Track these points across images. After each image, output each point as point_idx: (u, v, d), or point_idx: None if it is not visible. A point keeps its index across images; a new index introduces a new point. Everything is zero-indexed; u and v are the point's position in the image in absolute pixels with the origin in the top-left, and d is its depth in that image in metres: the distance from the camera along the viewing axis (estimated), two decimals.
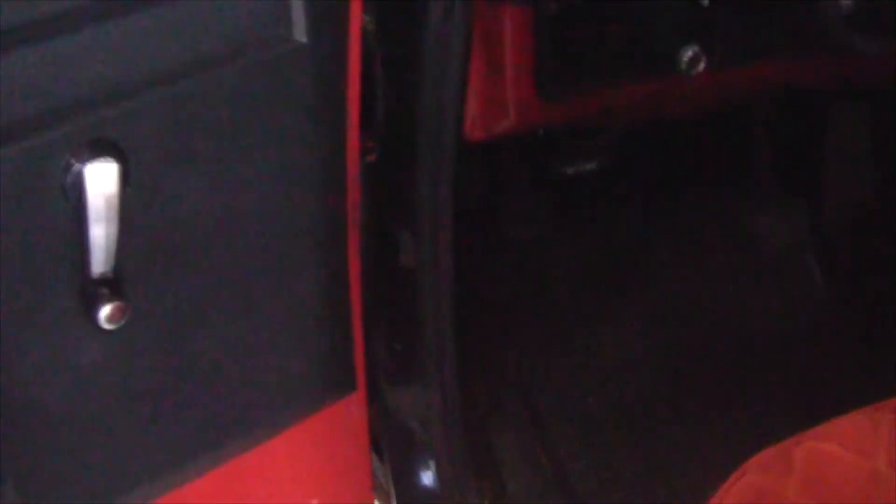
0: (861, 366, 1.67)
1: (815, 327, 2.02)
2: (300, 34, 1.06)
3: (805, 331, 2.00)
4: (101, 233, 0.97)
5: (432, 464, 1.58)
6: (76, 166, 0.95)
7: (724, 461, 1.21)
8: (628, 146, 1.94)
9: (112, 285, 1.00)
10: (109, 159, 0.95)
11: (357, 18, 1.14)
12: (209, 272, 1.09)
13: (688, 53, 1.43)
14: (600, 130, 1.87)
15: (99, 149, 0.95)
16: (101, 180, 0.95)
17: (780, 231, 2.09)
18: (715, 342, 1.96)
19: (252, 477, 1.33)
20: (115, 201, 0.97)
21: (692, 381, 1.91)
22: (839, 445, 1.15)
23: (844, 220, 2.10)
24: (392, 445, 1.59)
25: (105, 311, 1.00)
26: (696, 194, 2.06)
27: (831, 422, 1.18)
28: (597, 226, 2.01)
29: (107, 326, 1.01)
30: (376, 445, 1.58)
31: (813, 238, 2.09)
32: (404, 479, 1.60)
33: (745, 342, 1.97)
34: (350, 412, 1.41)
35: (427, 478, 1.59)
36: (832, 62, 1.61)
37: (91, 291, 1.00)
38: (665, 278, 2.03)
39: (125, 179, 0.97)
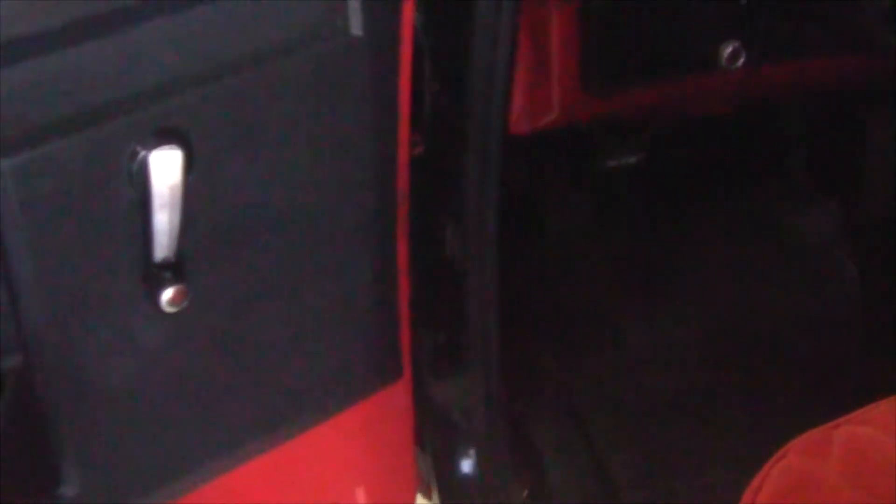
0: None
1: (849, 325, 2.02)
2: (356, 28, 1.09)
3: (839, 328, 2.01)
4: (164, 218, 1.00)
5: (474, 454, 1.60)
6: (142, 154, 0.97)
7: (758, 453, 1.23)
8: (667, 142, 1.96)
9: (174, 269, 1.03)
10: (174, 147, 0.98)
11: (409, 14, 1.17)
12: (265, 259, 1.12)
13: (728, 49, 1.45)
14: (642, 125, 1.89)
15: (164, 137, 0.98)
16: (165, 168, 0.98)
17: (815, 229, 2.10)
18: (748, 338, 1.97)
19: (300, 462, 1.36)
20: (179, 188, 0.99)
21: (726, 375, 1.92)
22: (879, 429, 1.16)
23: (879, 219, 2.11)
24: (434, 436, 1.61)
25: (167, 294, 1.03)
26: (732, 191, 2.07)
27: (871, 406, 1.19)
28: (635, 221, 2.03)
29: (168, 309, 1.04)
30: (418, 436, 1.60)
31: (847, 237, 2.10)
32: (446, 468, 1.62)
33: (782, 337, 1.97)
34: (396, 401, 1.44)
35: (468, 467, 1.61)
36: (871, 61, 1.62)
37: (154, 275, 1.03)
38: (700, 274, 2.04)
39: (189, 167, 1.00)
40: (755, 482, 1.18)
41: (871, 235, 2.09)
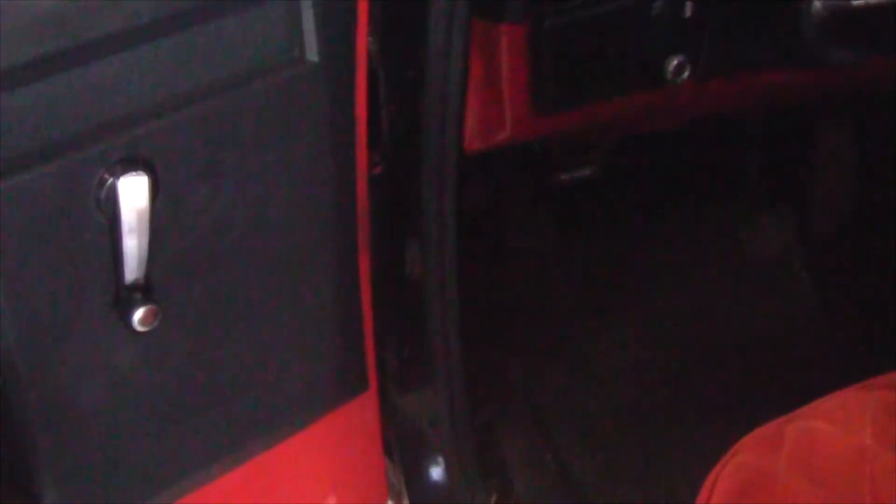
0: (851, 363, 1.72)
1: (806, 329, 2.06)
2: (312, 54, 1.13)
3: (797, 332, 2.05)
4: (133, 242, 1.04)
5: (442, 463, 1.63)
6: (110, 181, 1.01)
7: (718, 455, 1.27)
8: (622, 157, 1.99)
9: (144, 291, 1.07)
10: (140, 174, 1.02)
11: (363, 39, 1.20)
12: (232, 279, 1.16)
13: (673, 62, 1.48)
14: (595, 140, 1.92)
15: (131, 164, 1.01)
16: (132, 193, 1.02)
17: (770, 238, 2.14)
18: (710, 346, 2.01)
19: (272, 475, 1.38)
20: (146, 212, 1.03)
21: (689, 383, 1.96)
22: (828, 422, 1.19)
23: (832, 226, 2.15)
24: (403, 446, 1.63)
25: (138, 314, 1.06)
26: (688, 203, 2.10)
27: (820, 400, 1.22)
28: (593, 234, 2.06)
29: (140, 329, 1.07)
30: (387, 447, 1.63)
31: (802, 244, 2.14)
32: (415, 478, 1.64)
33: (740, 345, 2.01)
34: (363, 412, 1.47)
35: (437, 476, 1.64)
36: (815, 73, 1.64)
37: (125, 297, 1.06)
38: (660, 284, 2.08)
39: (155, 192, 1.03)
40: (710, 479, 1.21)
41: (823, 242, 2.13)
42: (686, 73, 1.49)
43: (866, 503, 1.11)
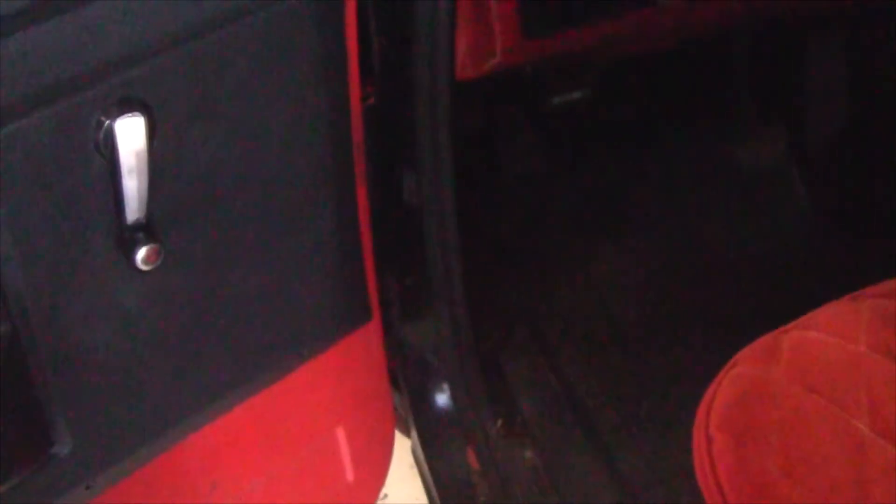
0: (846, 274, 1.74)
1: (802, 241, 2.08)
2: None
3: (793, 246, 2.07)
4: (133, 183, 1.05)
5: (447, 390, 1.66)
6: (107, 123, 1.02)
7: (718, 368, 1.29)
8: (613, 79, 2.00)
9: (146, 230, 1.08)
10: (137, 115, 1.02)
11: None
12: (233, 215, 1.17)
13: None
14: (586, 63, 1.92)
15: (127, 106, 1.02)
16: (130, 135, 1.02)
17: (763, 155, 2.15)
18: (708, 262, 2.02)
19: (281, 408, 1.41)
20: (145, 153, 1.04)
21: (688, 300, 1.97)
22: (823, 332, 1.22)
23: (824, 139, 2.16)
24: (408, 375, 1.66)
25: (141, 253, 1.08)
26: (681, 123, 2.11)
27: (815, 311, 1.25)
28: (588, 156, 2.07)
29: (143, 268, 1.08)
30: (393, 377, 1.65)
31: (795, 158, 2.15)
32: (421, 406, 1.67)
33: (737, 260, 2.02)
34: (367, 343, 1.49)
35: (443, 403, 1.67)
36: None
37: (128, 237, 1.07)
38: (656, 204, 2.09)
39: (152, 133, 1.04)
40: (709, 391, 1.24)
41: (815, 157, 2.14)
42: None
43: (863, 408, 1.13)
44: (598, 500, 1.72)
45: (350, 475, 1.57)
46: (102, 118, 1.02)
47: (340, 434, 1.54)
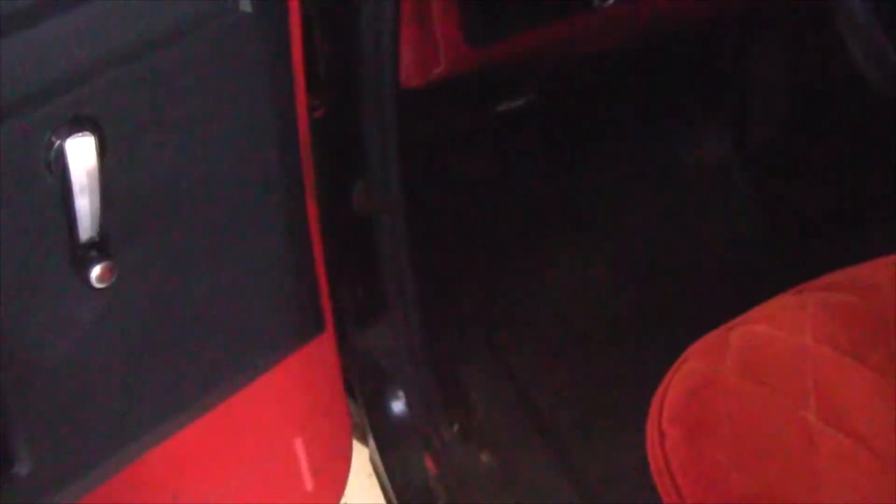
0: (791, 269, 1.77)
1: (747, 238, 2.11)
2: (245, 5, 1.15)
3: (739, 243, 2.09)
4: (85, 201, 1.05)
5: (402, 397, 1.67)
6: (57, 143, 1.02)
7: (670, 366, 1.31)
8: (557, 83, 2.01)
9: (100, 248, 1.08)
10: (87, 133, 1.03)
11: None
12: (186, 229, 1.17)
13: None
14: (531, 70, 1.94)
15: (77, 125, 1.03)
16: (80, 153, 1.03)
17: (709, 154, 2.18)
18: (657, 263, 2.04)
19: (238, 422, 1.42)
20: (96, 171, 1.04)
21: (639, 301, 2.00)
22: (770, 326, 1.24)
23: (764, 139, 2.19)
24: (363, 384, 1.67)
25: (96, 271, 1.08)
26: (626, 124, 2.14)
27: (761, 306, 1.27)
28: (535, 162, 2.09)
29: (98, 285, 1.09)
30: (348, 386, 1.66)
31: (738, 157, 2.18)
32: (377, 414, 1.68)
33: (685, 258, 2.05)
34: (322, 354, 1.50)
35: (399, 410, 1.68)
36: None
37: (81, 255, 1.08)
38: (604, 207, 2.11)
39: (103, 151, 1.05)
40: (661, 388, 1.26)
41: (759, 153, 2.17)
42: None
43: (810, 398, 1.15)
44: (555, 499, 1.74)
45: (309, 485, 1.58)
46: (53, 138, 1.03)
47: (298, 445, 1.55)
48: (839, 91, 1.96)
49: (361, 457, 1.73)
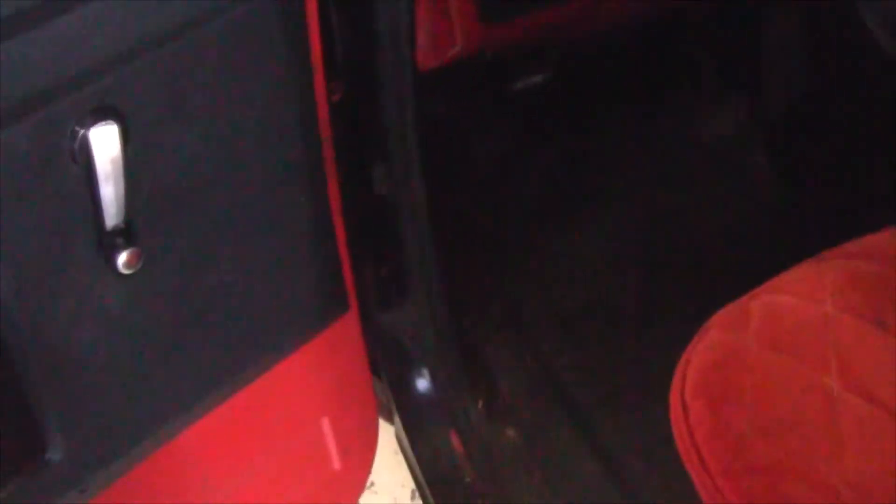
0: (809, 238, 1.77)
1: (765, 208, 2.11)
2: None
3: (757, 212, 2.10)
4: (110, 189, 1.07)
5: (427, 375, 1.68)
6: (81, 133, 1.04)
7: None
8: (574, 59, 2.02)
9: (126, 235, 1.10)
10: (110, 122, 1.05)
11: None
12: (210, 214, 1.19)
13: None
14: (545, 47, 1.94)
15: (100, 114, 1.04)
16: (104, 143, 1.04)
17: (726, 125, 2.18)
18: (675, 235, 2.05)
19: (265, 404, 1.43)
20: (120, 160, 1.06)
21: (658, 273, 2.00)
22: (791, 295, 1.25)
23: (782, 108, 2.19)
24: (388, 363, 1.68)
25: (122, 258, 1.10)
26: (643, 98, 2.14)
27: (782, 275, 1.28)
28: (553, 138, 2.10)
29: (125, 272, 1.10)
30: (374, 365, 1.67)
31: (756, 128, 2.18)
32: (402, 392, 1.69)
33: (705, 231, 2.05)
34: (347, 334, 1.51)
35: (424, 388, 1.69)
36: None
37: (108, 242, 1.09)
38: (624, 180, 2.12)
39: (126, 139, 1.06)
40: (683, 359, 1.26)
41: (776, 124, 2.17)
42: None
43: (832, 366, 1.16)
44: (581, 475, 1.75)
45: (337, 464, 1.60)
46: (77, 128, 1.04)
47: (325, 424, 1.57)
48: (854, 54, 1.96)
49: (388, 435, 1.74)
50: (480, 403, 1.75)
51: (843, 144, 2.08)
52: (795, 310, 1.23)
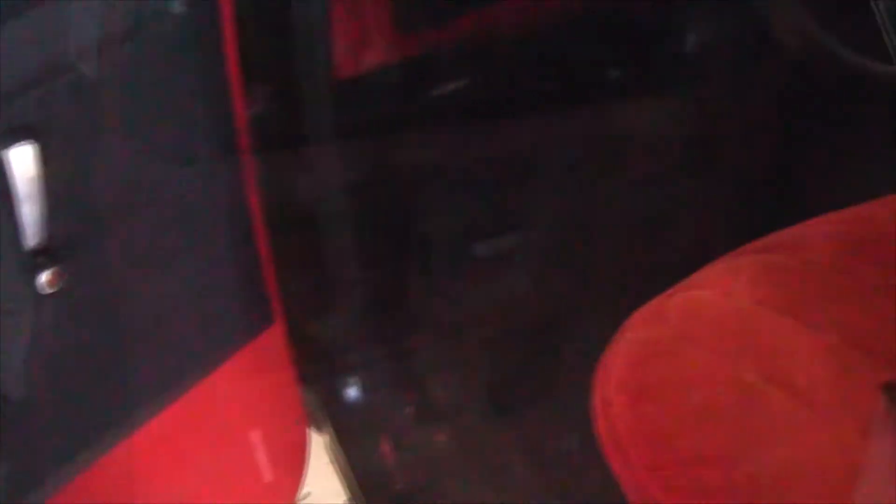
0: (729, 234, 1.79)
1: (689, 208, 2.14)
2: (176, 7, 1.16)
3: (681, 212, 2.12)
4: (29, 209, 1.07)
5: (356, 382, 1.69)
6: None
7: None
8: (494, 64, 2.03)
9: (47, 254, 1.10)
10: (28, 143, 1.05)
11: None
12: (131, 232, 1.19)
13: None
14: (465, 52, 1.95)
15: (17, 135, 1.04)
16: (22, 163, 1.05)
17: (649, 120, 2.19)
18: (603, 233, 2.07)
19: (194, 416, 1.42)
20: (38, 180, 1.06)
21: (588, 274, 2.02)
22: (708, 290, 1.26)
23: (708, 105, 2.21)
24: (317, 371, 1.69)
25: (44, 277, 1.10)
26: (565, 98, 2.15)
27: (699, 272, 1.30)
28: (474, 143, 2.11)
29: (47, 291, 1.11)
30: (303, 376, 1.67)
31: (680, 125, 2.20)
32: (332, 401, 1.70)
33: (631, 226, 2.08)
34: (272, 345, 1.51)
35: (353, 396, 1.70)
36: None
37: (29, 262, 1.09)
38: (549, 181, 2.13)
39: (45, 159, 1.06)
40: (604, 358, 1.28)
41: (699, 122, 2.19)
42: None
43: (750, 359, 1.18)
44: (511, 476, 1.77)
45: (268, 476, 1.59)
46: None
47: (255, 437, 1.56)
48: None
49: (321, 445, 1.75)
50: (410, 409, 1.76)
51: (760, 143, 2.10)
52: (712, 305, 1.25)
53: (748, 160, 2.09)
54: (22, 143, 1.05)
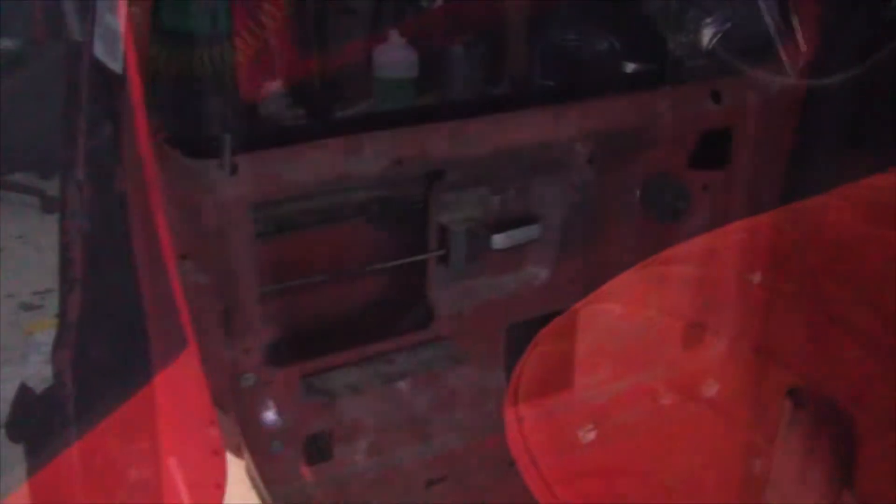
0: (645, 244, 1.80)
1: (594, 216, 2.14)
2: (77, 34, 1.16)
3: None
4: None
5: (272, 407, 1.69)
6: None
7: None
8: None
9: None
10: None
11: (124, 10, 1.23)
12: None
13: None
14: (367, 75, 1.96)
15: None
16: None
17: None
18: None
19: (111, 444, 1.42)
20: None
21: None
22: (616, 302, 1.29)
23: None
24: (233, 398, 1.68)
25: None
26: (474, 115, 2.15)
27: (607, 284, 1.31)
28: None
29: None
30: (218, 401, 1.66)
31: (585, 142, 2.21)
32: (250, 426, 1.70)
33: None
34: (187, 370, 1.50)
35: (270, 421, 1.70)
36: None
37: None
38: (453, 195, 2.13)
39: None
40: (515, 374, 1.29)
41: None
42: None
43: (655, 368, 1.20)
44: (430, 492, 1.77)
45: (186, 501, 1.58)
46: None
47: (173, 463, 1.55)
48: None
49: (241, 469, 1.74)
50: (329, 431, 1.76)
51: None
52: (619, 315, 1.27)
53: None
54: None
